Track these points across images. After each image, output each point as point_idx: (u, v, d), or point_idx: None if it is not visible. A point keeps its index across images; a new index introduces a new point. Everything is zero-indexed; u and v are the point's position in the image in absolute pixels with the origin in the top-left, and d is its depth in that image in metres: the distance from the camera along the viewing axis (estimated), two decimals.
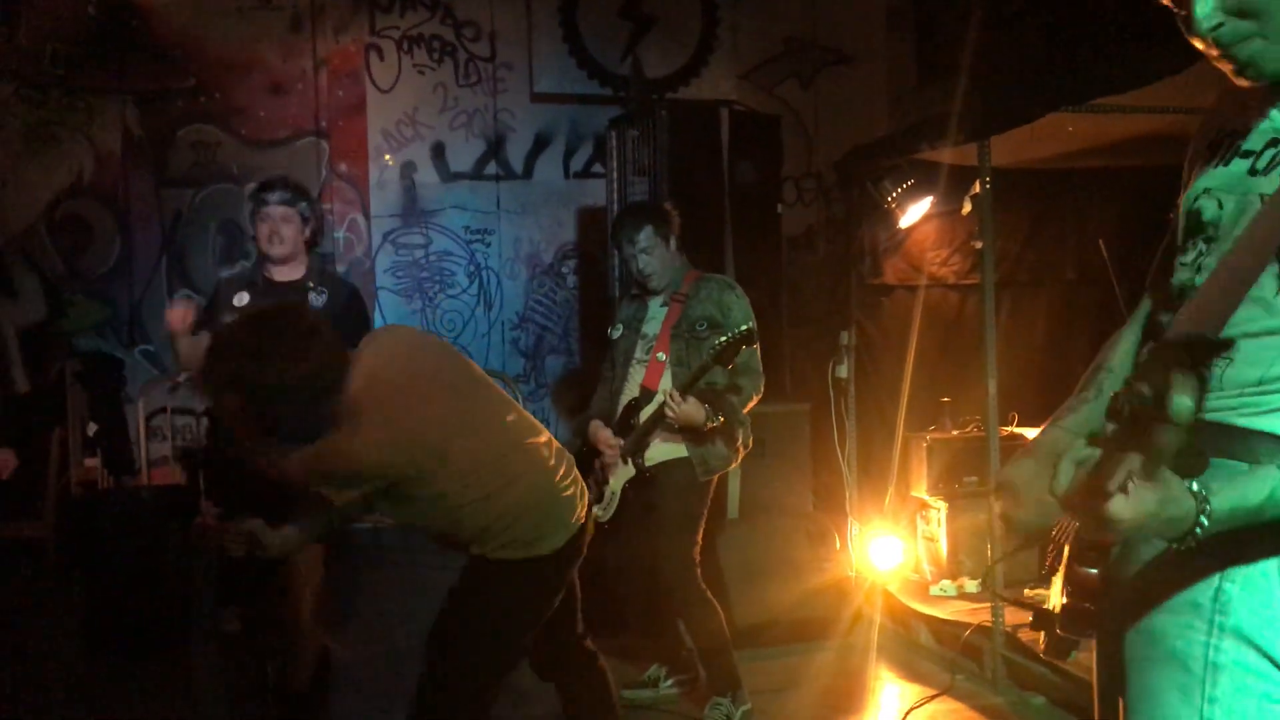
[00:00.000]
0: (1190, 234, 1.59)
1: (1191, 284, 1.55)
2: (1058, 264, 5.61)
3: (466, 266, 7.00)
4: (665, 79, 7.09)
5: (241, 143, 6.53)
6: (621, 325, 4.05)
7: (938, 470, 5.14)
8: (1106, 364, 1.74)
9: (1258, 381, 1.46)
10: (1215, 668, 1.45)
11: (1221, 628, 1.46)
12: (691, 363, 3.77)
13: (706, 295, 3.87)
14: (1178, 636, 1.48)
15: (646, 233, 3.85)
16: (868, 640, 4.62)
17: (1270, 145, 1.50)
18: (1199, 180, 1.61)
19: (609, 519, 3.87)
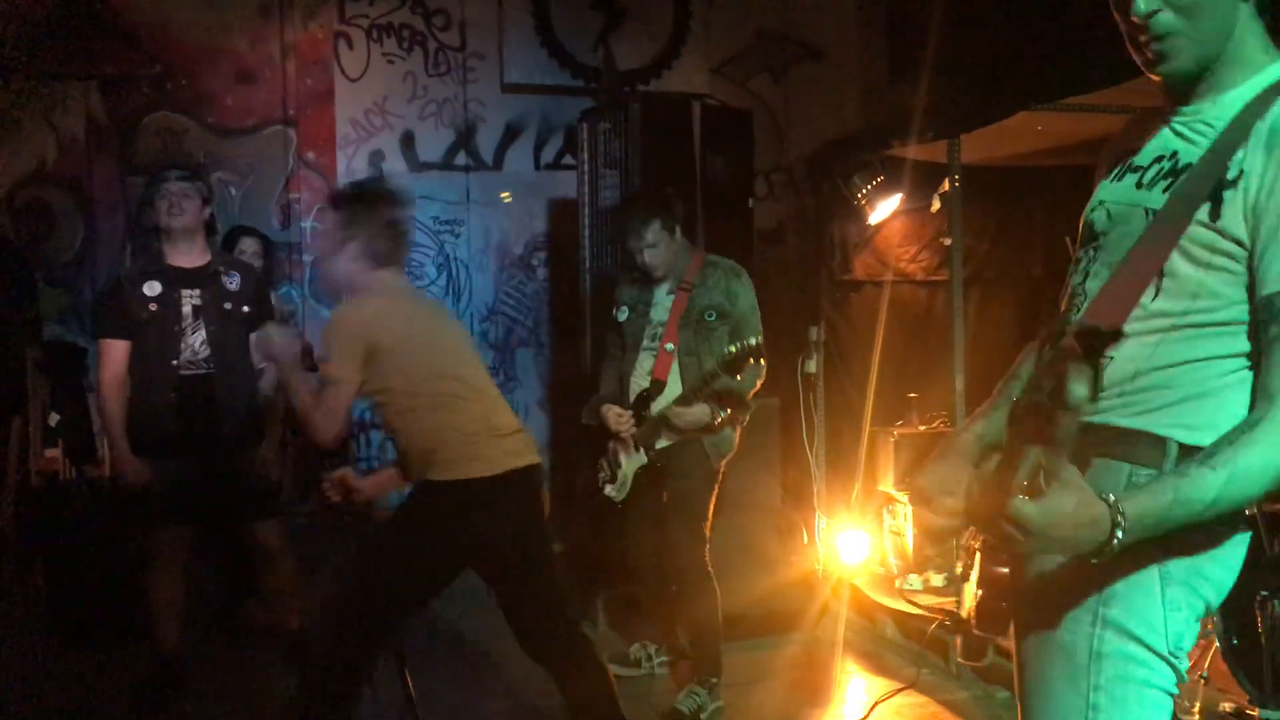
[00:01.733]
0: (1085, 243, 1.70)
1: (1081, 289, 1.65)
2: (1025, 261, 5.66)
3: (435, 258, 6.96)
4: (637, 71, 7.07)
5: (208, 130, 6.46)
6: (627, 308, 4.07)
7: (904, 465, 5.17)
8: (1017, 372, 1.82)
9: (1133, 375, 1.54)
10: (1099, 656, 1.55)
11: (1105, 619, 1.55)
12: (700, 352, 3.83)
13: (714, 283, 3.91)
14: (1066, 629, 1.57)
15: (654, 228, 3.87)
16: (834, 634, 4.64)
17: (1156, 161, 1.61)
18: (1096, 194, 1.72)
19: (623, 499, 3.99)
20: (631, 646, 4.35)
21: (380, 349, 2.91)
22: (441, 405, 2.95)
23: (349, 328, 2.95)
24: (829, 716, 3.93)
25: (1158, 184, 1.58)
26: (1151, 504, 1.42)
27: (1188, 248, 1.51)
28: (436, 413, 2.94)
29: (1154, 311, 1.53)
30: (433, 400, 2.95)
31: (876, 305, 5.28)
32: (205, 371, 3.88)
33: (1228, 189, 1.49)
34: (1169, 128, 1.62)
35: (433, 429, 2.94)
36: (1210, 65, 1.55)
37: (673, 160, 5.01)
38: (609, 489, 3.99)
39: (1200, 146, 1.55)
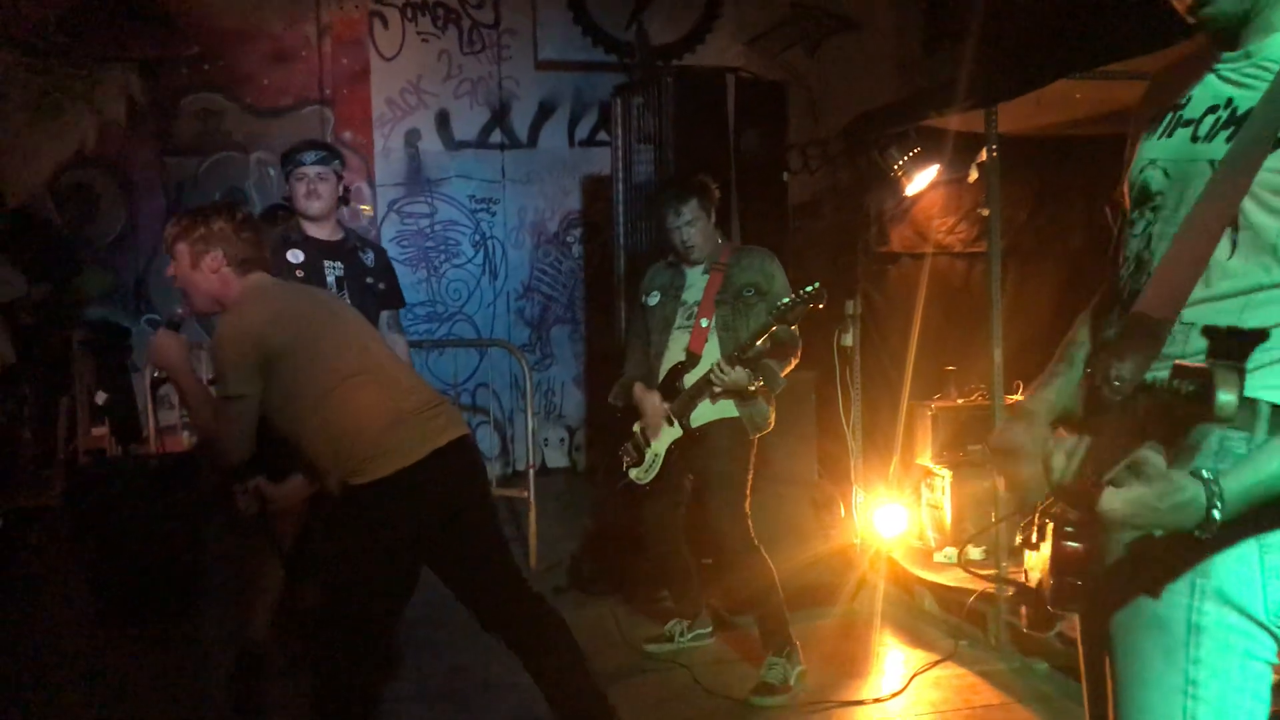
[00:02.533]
0: (1138, 204, 1.64)
1: (1145, 253, 1.59)
2: (1064, 231, 5.58)
3: (472, 236, 6.99)
4: (670, 46, 7.05)
5: (246, 111, 6.52)
6: (658, 292, 4.10)
7: (942, 438, 5.15)
8: (1077, 337, 1.78)
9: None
10: (1198, 629, 1.49)
11: (1203, 590, 1.49)
12: (737, 326, 3.87)
13: (749, 264, 3.97)
14: (1161, 602, 1.51)
15: (692, 206, 3.94)
16: (872, 607, 4.65)
17: (1209, 112, 1.55)
18: (1144, 152, 1.65)
19: (649, 481, 3.99)
20: (668, 624, 4.39)
21: (274, 354, 2.78)
22: (349, 400, 2.80)
23: (238, 339, 2.80)
24: (867, 689, 3.94)
25: (1218, 134, 1.51)
26: (1253, 477, 1.38)
27: (1262, 195, 1.46)
28: (345, 410, 2.79)
29: (1234, 270, 1.48)
30: (340, 398, 2.79)
31: (913, 278, 5.24)
32: None
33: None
34: (1215, 75, 1.55)
35: (341, 432, 2.78)
36: (1254, 4, 1.49)
37: (707, 134, 5.00)
38: (634, 472, 4.01)
39: (1257, 90, 1.49)
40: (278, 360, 2.77)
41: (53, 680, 4.13)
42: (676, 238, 3.98)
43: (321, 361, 2.82)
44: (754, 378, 3.81)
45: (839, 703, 3.80)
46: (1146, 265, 1.58)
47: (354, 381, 2.82)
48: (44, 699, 3.95)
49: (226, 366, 2.77)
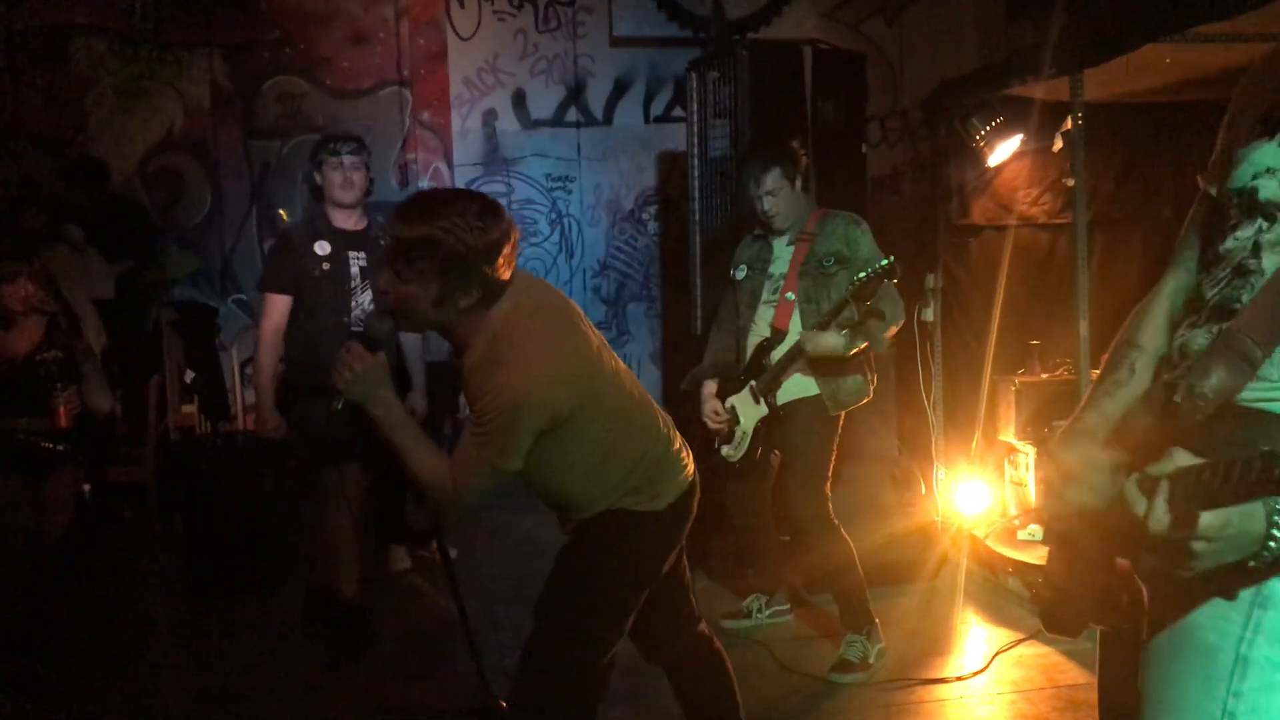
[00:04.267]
0: (1246, 211, 1.51)
1: (1251, 260, 1.48)
2: (1153, 201, 5.43)
3: (548, 214, 7.03)
4: (746, 19, 6.99)
5: (326, 93, 6.62)
6: (745, 266, 4.04)
7: (1026, 414, 5.05)
8: (1136, 341, 1.66)
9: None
10: (1245, 662, 1.42)
11: (1259, 623, 1.42)
12: (819, 298, 3.79)
13: (832, 231, 3.87)
14: (1211, 628, 1.45)
15: (774, 175, 3.84)
16: (954, 584, 4.58)
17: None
18: (1256, 156, 1.52)
19: (740, 458, 3.95)
20: (746, 599, 4.38)
21: (559, 419, 2.36)
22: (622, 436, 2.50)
23: (525, 400, 2.30)
24: (949, 667, 3.89)
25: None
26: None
27: None
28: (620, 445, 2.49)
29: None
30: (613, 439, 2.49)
31: (995, 251, 5.13)
32: None
33: None
34: None
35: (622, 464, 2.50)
36: None
37: (783, 108, 4.94)
38: (725, 449, 3.98)
39: None
40: (560, 426, 2.37)
41: (143, 650, 4.26)
42: (758, 207, 3.91)
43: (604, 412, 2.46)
44: (853, 340, 3.71)
45: (920, 680, 3.76)
46: (1249, 274, 1.48)
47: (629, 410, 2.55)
48: (136, 669, 4.07)
49: (494, 433, 2.32)
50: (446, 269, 2.29)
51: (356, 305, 3.97)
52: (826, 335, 3.69)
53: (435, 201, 2.37)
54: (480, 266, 2.30)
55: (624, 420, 2.53)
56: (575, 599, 2.56)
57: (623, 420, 2.52)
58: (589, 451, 2.46)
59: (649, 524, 2.55)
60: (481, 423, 2.32)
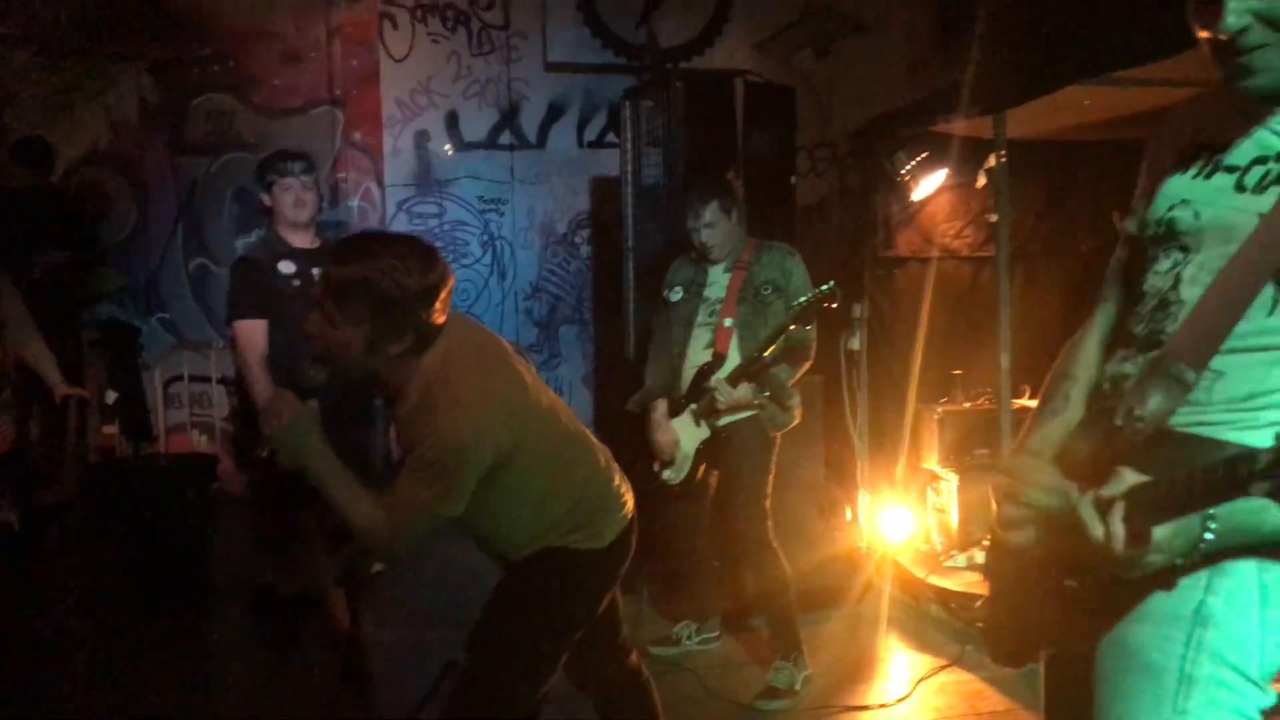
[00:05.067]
0: (1163, 241, 1.60)
1: (1172, 294, 1.56)
2: (1072, 237, 5.59)
3: (480, 236, 7.01)
4: (680, 48, 7.06)
5: (256, 111, 6.54)
6: (680, 288, 4.10)
7: (949, 442, 5.17)
8: (1070, 372, 1.74)
9: (1247, 396, 1.47)
10: (1190, 680, 1.47)
11: (1200, 642, 1.47)
12: (756, 325, 3.88)
13: (769, 261, 3.98)
14: (1155, 648, 1.50)
15: (713, 208, 3.95)
16: (878, 611, 4.66)
17: (1257, 163, 1.51)
18: (1172, 189, 1.61)
19: (680, 480, 4.00)
20: (676, 626, 4.40)
21: (501, 460, 2.33)
22: (561, 475, 2.49)
23: (468, 444, 2.26)
24: (872, 694, 3.94)
25: (1269, 188, 1.48)
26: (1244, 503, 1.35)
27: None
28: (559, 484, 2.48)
29: (1270, 327, 1.46)
30: (552, 478, 2.47)
31: (920, 282, 5.25)
32: None
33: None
34: (1268, 128, 1.51)
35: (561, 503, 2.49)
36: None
37: (716, 138, 5.01)
38: (666, 473, 4.02)
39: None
40: (502, 463, 2.34)
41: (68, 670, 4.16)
42: (695, 238, 3.99)
43: (543, 445, 2.44)
44: (759, 392, 3.83)
45: (844, 707, 3.81)
46: (1172, 306, 1.55)
47: (565, 446, 2.52)
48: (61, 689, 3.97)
49: (438, 476, 2.27)
50: (379, 313, 2.24)
51: None
52: (739, 390, 3.80)
53: (371, 243, 2.32)
54: (417, 311, 2.26)
55: (563, 459, 2.51)
56: (513, 634, 2.53)
57: (562, 459, 2.51)
58: (528, 491, 2.44)
59: (590, 561, 2.54)
60: (423, 468, 2.28)
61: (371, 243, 2.33)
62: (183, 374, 6.27)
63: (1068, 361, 1.75)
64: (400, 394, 2.37)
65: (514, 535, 2.52)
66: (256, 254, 3.99)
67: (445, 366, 2.33)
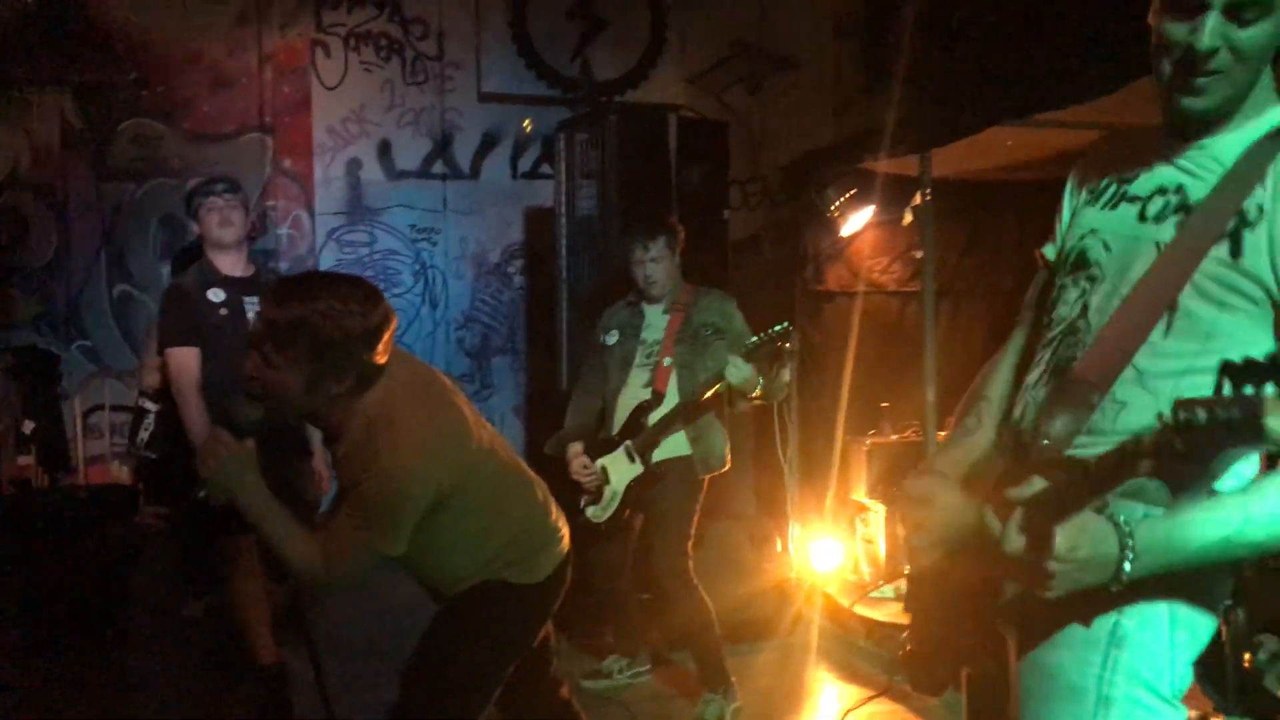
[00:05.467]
0: (1073, 270, 1.67)
1: (1080, 321, 1.63)
2: (996, 273, 5.72)
3: (412, 265, 6.98)
4: (614, 81, 7.12)
5: (185, 137, 6.46)
6: (616, 331, 4.12)
7: (877, 473, 5.23)
8: (985, 394, 1.81)
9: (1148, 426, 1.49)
10: (1108, 700, 1.53)
11: (1116, 662, 1.53)
12: (695, 365, 3.92)
13: (708, 305, 4.04)
14: (1074, 671, 1.55)
15: (660, 244, 4.01)
16: (807, 641, 4.69)
17: (1158, 194, 1.60)
18: (1084, 220, 1.70)
19: (606, 519, 4.00)
20: (607, 660, 4.38)
21: (441, 498, 2.34)
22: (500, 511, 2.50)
23: (409, 483, 2.26)
24: None
25: (1168, 218, 1.56)
26: (1164, 529, 1.42)
27: (1203, 285, 1.50)
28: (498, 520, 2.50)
29: (1167, 351, 1.53)
30: (492, 515, 2.48)
31: (849, 316, 5.33)
32: None
33: (1248, 229, 1.48)
34: (1169, 162, 1.60)
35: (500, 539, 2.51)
36: (1228, 109, 1.54)
37: (649, 171, 5.05)
38: (592, 510, 4.01)
39: (1207, 183, 1.55)
40: (442, 501, 2.35)
41: None
42: (640, 271, 4.02)
43: (484, 486, 2.45)
44: (756, 380, 3.85)
45: None
46: (1080, 333, 1.61)
47: (506, 482, 2.54)
48: None
49: (375, 516, 2.27)
50: (320, 355, 2.21)
51: None
52: (749, 368, 3.80)
53: (311, 284, 2.29)
54: (358, 353, 2.23)
55: (502, 496, 2.51)
56: (447, 668, 2.52)
57: (500, 496, 2.51)
58: (468, 528, 2.44)
59: (525, 596, 2.54)
60: (363, 507, 2.26)
61: (312, 284, 2.30)
62: (104, 403, 6.14)
63: (983, 383, 1.82)
64: (340, 431, 2.35)
65: (450, 571, 2.51)
66: (186, 281, 3.94)
67: (387, 406, 2.30)
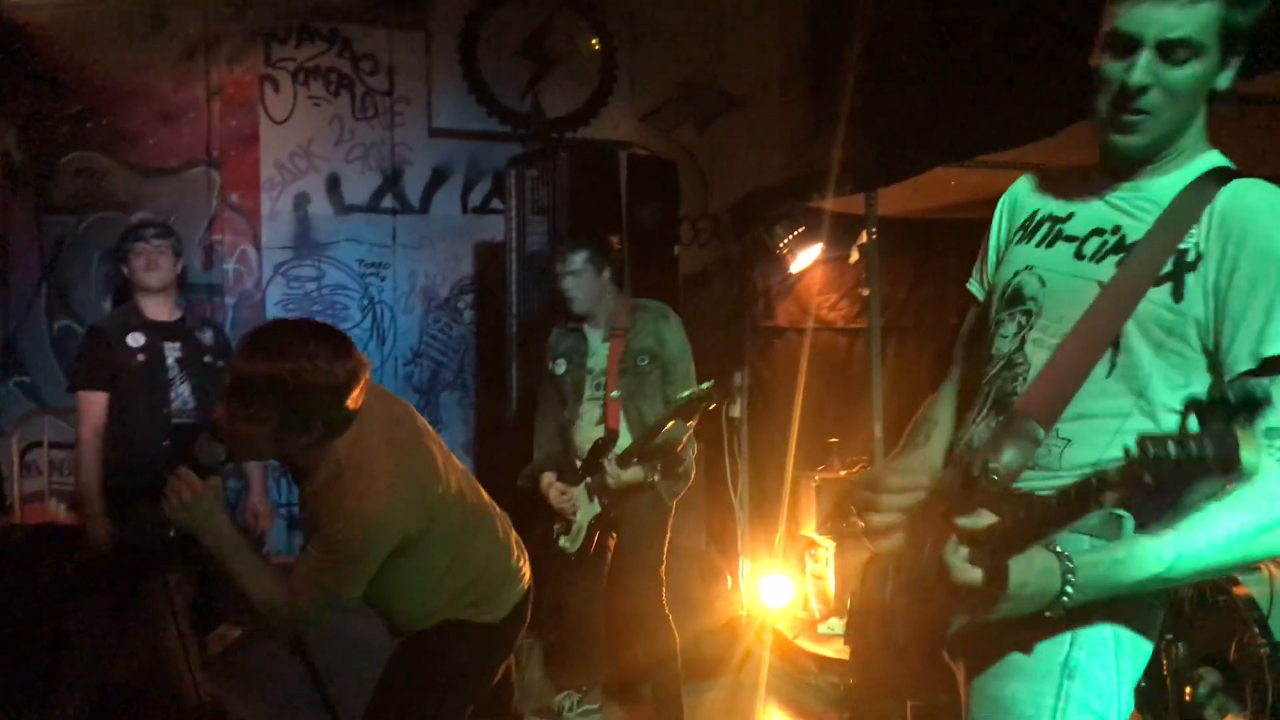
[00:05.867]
0: (1009, 306, 1.72)
1: (1018, 355, 1.67)
2: (941, 310, 5.81)
3: (360, 300, 6.92)
4: (565, 118, 7.15)
5: (130, 170, 6.38)
6: (563, 360, 4.09)
7: (826, 509, 5.25)
8: (931, 416, 1.87)
9: (1094, 463, 1.55)
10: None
11: (1069, 693, 1.56)
12: (637, 397, 3.89)
13: (643, 326, 3.97)
14: (1028, 703, 1.57)
15: (581, 256, 3.95)
16: (757, 679, 4.68)
17: (1095, 234, 1.65)
18: (1017, 257, 1.74)
19: (575, 550, 3.98)
20: (559, 696, 4.34)
21: (407, 543, 2.36)
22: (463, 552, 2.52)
23: (374, 529, 2.28)
24: None
25: (1106, 258, 1.60)
26: (1104, 564, 1.46)
27: (1146, 326, 1.54)
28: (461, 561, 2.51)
29: (1110, 390, 1.56)
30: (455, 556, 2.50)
31: (798, 352, 5.38)
32: (196, 420, 3.87)
33: (1189, 272, 1.53)
34: (1105, 202, 1.64)
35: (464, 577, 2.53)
36: (1161, 149, 1.59)
37: (600, 208, 5.08)
38: (564, 540, 4.00)
39: (1144, 223, 1.59)
40: (408, 545, 2.36)
41: None
42: (560, 284, 4.00)
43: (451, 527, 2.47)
44: (650, 472, 3.85)
45: None
46: (1019, 367, 1.65)
47: (471, 521, 2.56)
48: None
49: (345, 560, 2.29)
50: (288, 408, 2.20)
51: (176, 397, 3.86)
52: (628, 472, 3.81)
53: (281, 338, 2.25)
54: (326, 408, 2.22)
55: (467, 538, 2.52)
56: (406, 708, 2.50)
57: (465, 538, 2.52)
58: (430, 570, 2.44)
59: (486, 634, 2.55)
60: (328, 549, 2.26)
61: (281, 338, 2.26)
62: (43, 440, 6.01)
63: (930, 407, 1.88)
64: (308, 472, 2.35)
65: (411, 610, 2.51)
66: (107, 324, 3.95)
67: (357, 449, 2.31)
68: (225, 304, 6.63)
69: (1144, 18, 1.50)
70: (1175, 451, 1.22)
